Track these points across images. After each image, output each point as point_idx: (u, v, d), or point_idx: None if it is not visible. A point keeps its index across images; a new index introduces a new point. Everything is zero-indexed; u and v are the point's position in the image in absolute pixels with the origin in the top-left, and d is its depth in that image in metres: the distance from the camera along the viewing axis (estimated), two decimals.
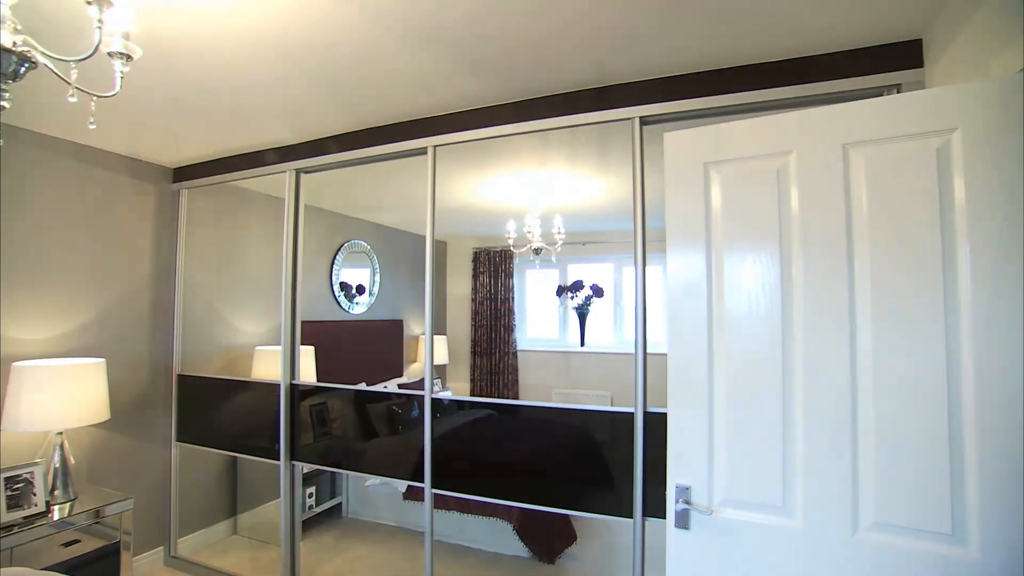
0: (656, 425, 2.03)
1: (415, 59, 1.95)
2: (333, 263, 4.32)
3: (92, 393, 2.59)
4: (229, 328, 3.62)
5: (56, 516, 2.43)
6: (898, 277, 1.32)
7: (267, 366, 3.44)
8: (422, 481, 2.47)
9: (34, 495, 2.41)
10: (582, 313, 5.18)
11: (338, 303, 4.38)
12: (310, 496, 3.66)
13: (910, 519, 1.29)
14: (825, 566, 1.37)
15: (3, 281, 2.59)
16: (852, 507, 1.35)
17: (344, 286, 4.45)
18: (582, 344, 5.19)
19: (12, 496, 2.34)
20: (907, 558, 1.29)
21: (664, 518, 2.00)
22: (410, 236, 5.19)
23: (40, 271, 2.73)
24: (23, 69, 1.17)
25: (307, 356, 3.53)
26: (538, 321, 5.48)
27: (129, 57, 1.28)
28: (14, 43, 1.13)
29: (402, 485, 3.62)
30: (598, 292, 5.07)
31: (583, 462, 2.23)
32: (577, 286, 5.08)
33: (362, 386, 2.84)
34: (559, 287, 5.25)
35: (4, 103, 1.15)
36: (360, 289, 4.62)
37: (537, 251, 3.70)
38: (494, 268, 5.33)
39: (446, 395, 2.48)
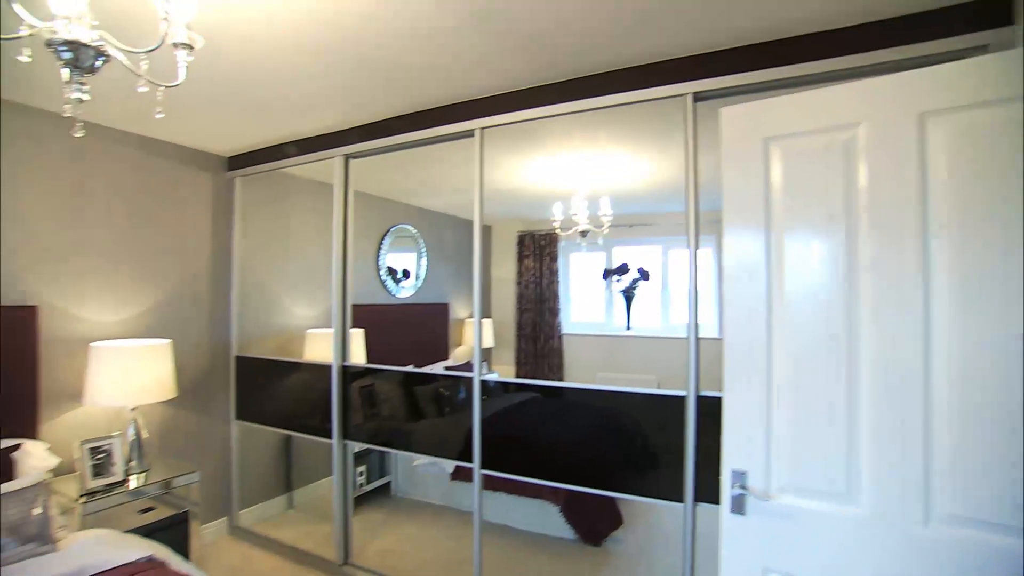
0: (709, 409, 1.99)
1: (461, 41, 1.94)
2: (380, 247, 4.40)
3: (160, 372, 2.74)
4: (282, 311, 3.75)
5: (132, 485, 2.60)
6: (982, 256, 1.23)
7: (318, 348, 3.55)
8: (470, 461, 2.50)
9: (113, 465, 2.58)
10: (628, 296, 5.11)
11: (385, 287, 4.46)
12: (361, 474, 3.78)
13: (987, 511, 1.22)
14: (894, 557, 1.32)
15: (82, 267, 2.76)
16: (924, 496, 1.28)
17: (391, 270, 4.53)
18: (628, 328, 5.13)
19: (96, 465, 2.51)
20: (984, 553, 1.22)
21: (717, 503, 1.97)
22: (456, 220, 5.23)
23: (112, 257, 2.89)
24: (99, 63, 1.22)
25: (357, 339, 3.61)
26: (583, 304, 5.44)
27: (191, 47, 1.32)
28: (91, 39, 1.18)
29: (450, 465, 3.69)
30: (644, 275, 4.98)
31: (632, 445, 2.22)
32: (623, 269, 5.01)
33: (411, 368, 2.89)
34: (605, 270, 5.19)
35: (84, 95, 1.21)
36: (406, 273, 4.69)
37: (584, 234, 3.66)
38: (539, 251, 5.31)
39: (494, 377, 2.50)
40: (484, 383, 2.49)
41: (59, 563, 1.90)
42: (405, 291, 4.68)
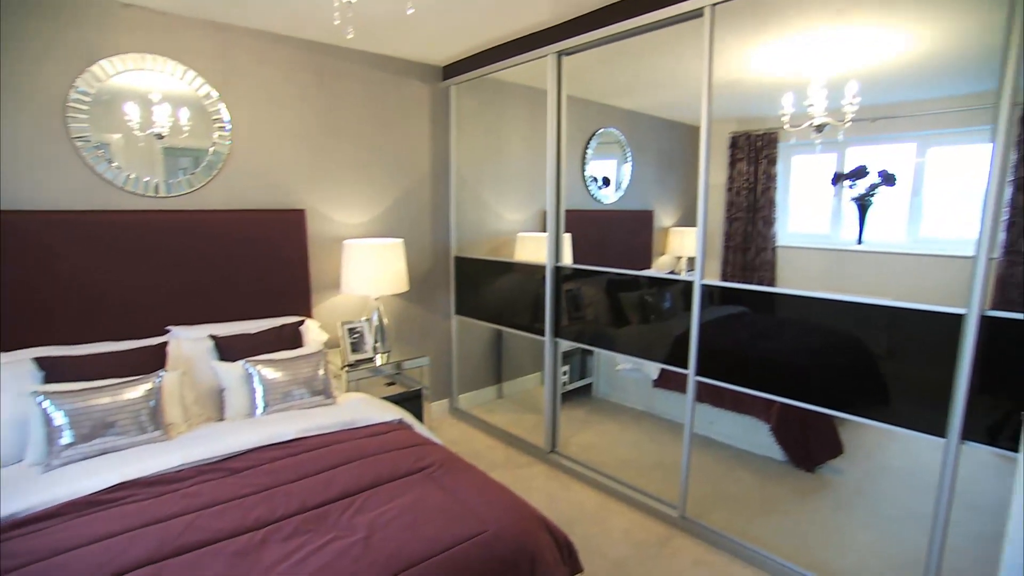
0: (996, 333, 1.64)
1: None
2: (585, 152, 4.31)
3: (395, 267, 3.11)
4: (493, 215, 3.95)
5: (378, 362, 3.07)
6: None
7: (528, 250, 3.71)
8: (683, 367, 2.45)
9: (365, 344, 3.06)
10: (863, 205, 4.35)
11: (589, 192, 4.42)
12: (564, 373, 3.98)
13: None
14: None
15: (334, 176, 3.17)
16: None
17: (593, 178, 4.45)
18: (859, 242, 4.41)
19: (352, 343, 3.01)
20: None
21: (993, 445, 1.69)
22: (662, 122, 4.86)
23: (354, 166, 3.27)
24: None
25: (565, 242, 3.68)
26: (804, 214, 4.78)
27: None
28: None
29: (653, 372, 3.69)
30: (888, 180, 4.15)
31: (877, 366, 1.95)
32: (860, 172, 4.23)
33: (629, 271, 2.84)
34: (836, 174, 4.44)
35: None
36: (606, 181, 4.57)
37: (819, 128, 3.12)
38: (754, 154, 4.73)
39: (719, 283, 2.34)
40: (704, 288, 2.35)
41: (337, 413, 2.35)
42: (608, 196, 4.58)
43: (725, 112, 4.68)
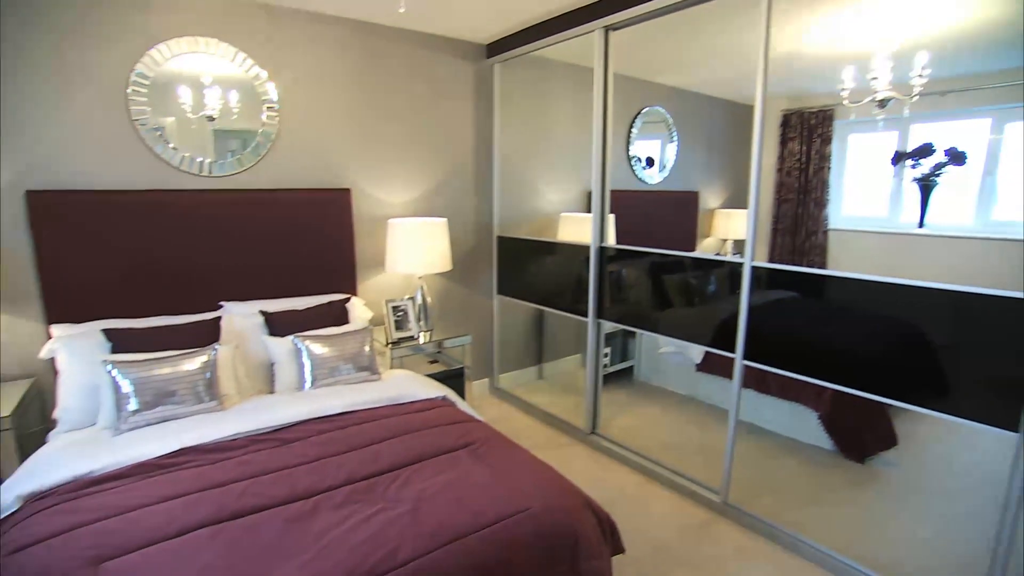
0: None
1: None
2: (630, 132, 4.22)
3: (439, 246, 3.13)
4: (537, 195, 3.92)
5: (421, 341, 3.11)
6: None
7: (572, 230, 3.68)
8: (730, 351, 2.39)
9: (408, 322, 3.10)
10: (926, 186, 4.10)
11: (634, 172, 4.32)
12: (605, 355, 3.94)
13: None
14: None
15: (379, 156, 3.20)
16: None
17: (638, 157, 4.35)
18: (920, 225, 4.18)
19: (397, 320, 3.06)
20: None
21: None
22: (710, 100, 4.69)
23: (399, 146, 3.29)
24: None
25: (609, 224, 3.62)
26: (859, 195, 4.55)
27: None
28: None
29: (697, 356, 3.62)
30: (957, 159, 3.89)
31: (939, 354, 1.85)
32: (925, 151, 3.98)
33: (679, 252, 2.76)
34: (896, 153, 4.20)
35: None
36: (650, 161, 4.46)
37: (883, 103, 2.95)
38: (808, 133, 4.50)
39: (771, 265, 2.26)
40: (755, 270, 2.27)
41: (382, 388, 2.41)
42: (653, 177, 4.48)
43: (776, 89, 4.47)
